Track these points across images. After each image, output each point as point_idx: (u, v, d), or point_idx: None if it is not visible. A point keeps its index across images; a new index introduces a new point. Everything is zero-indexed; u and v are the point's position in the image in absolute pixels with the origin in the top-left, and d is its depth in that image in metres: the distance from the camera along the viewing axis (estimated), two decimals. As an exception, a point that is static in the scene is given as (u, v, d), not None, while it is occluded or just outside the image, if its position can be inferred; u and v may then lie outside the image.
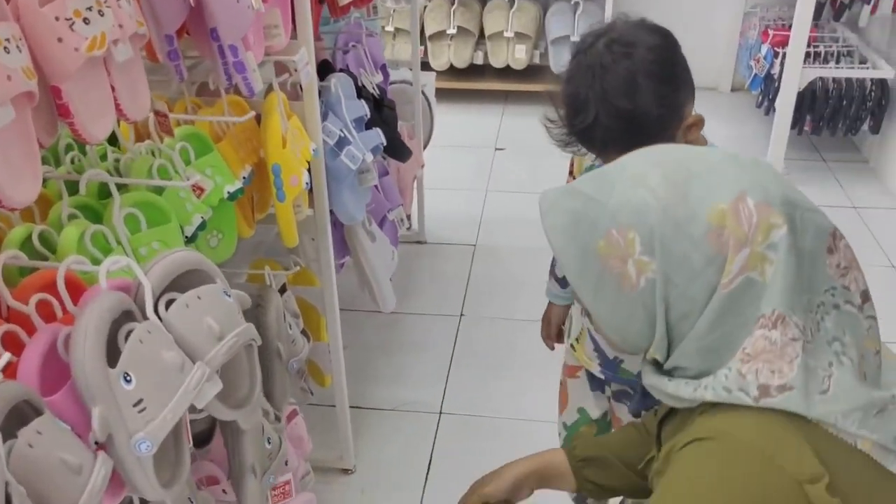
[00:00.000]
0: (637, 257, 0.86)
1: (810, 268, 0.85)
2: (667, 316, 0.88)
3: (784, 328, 0.84)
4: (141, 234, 1.12)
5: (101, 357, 0.82)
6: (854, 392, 0.85)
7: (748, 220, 0.84)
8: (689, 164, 0.89)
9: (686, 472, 0.86)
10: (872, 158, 3.45)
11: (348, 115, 1.74)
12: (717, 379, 0.86)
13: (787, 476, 0.81)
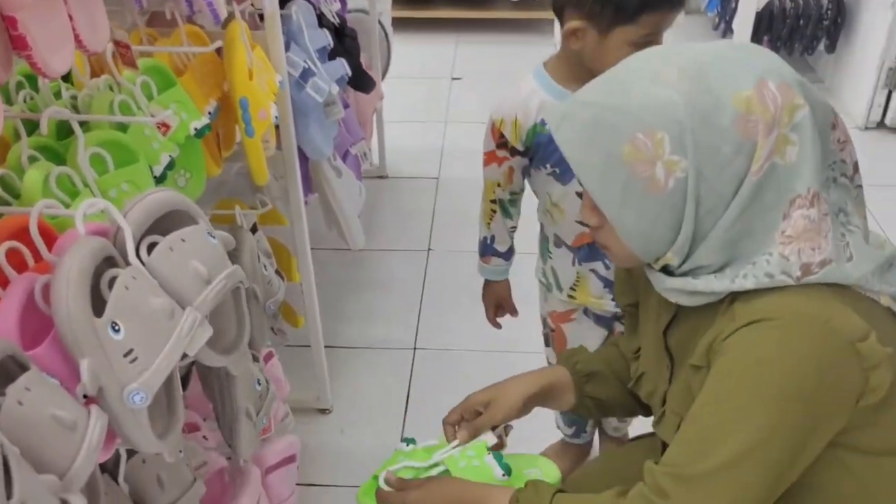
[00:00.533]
0: (667, 158, 0.85)
1: (823, 144, 0.87)
2: (696, 213, 0.87)
3: (819, 205, 0.86)
4: (109, 176, 1.05)
5: (87, 306, 0.76)
6: (869, 254, 0.89)
7: (773, 103, 0.83)
8: (698, 57, 0.88)
9: (751, 354, 0.85)
10: (828, 78, 3.47)
11: (311, 45, 1.66)
12: (758, 266, 0.87)
13: (841, 338, 0.83)
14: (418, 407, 1.97)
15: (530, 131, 1.33)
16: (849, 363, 0.83)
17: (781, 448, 0.84)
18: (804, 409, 0.83)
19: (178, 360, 0.83)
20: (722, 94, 0.84)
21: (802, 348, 0.83)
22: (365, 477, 1.69)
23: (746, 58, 0.87)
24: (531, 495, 0.97)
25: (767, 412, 0.83)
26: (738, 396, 0.85)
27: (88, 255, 0.78)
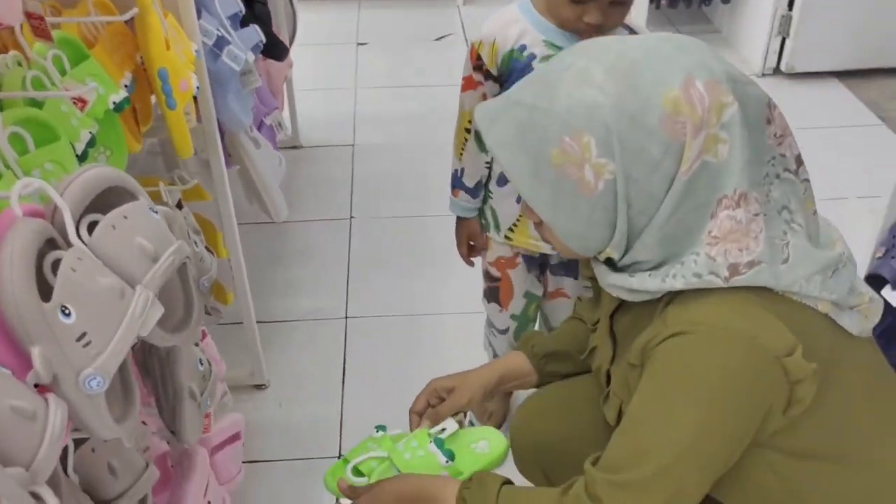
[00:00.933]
0: (594, 161, 0.85)
1: (756, 140, 0.86)
2: (627, 212, 0.87)
3: (747, 205, 0.85)
4: (30, 156, 0.99)
5: (33, 291, 0.72)
6: (811, 256, 0.88)
7: (700, 103, 0.83)
8: (628, 53, 0.86)
9: (677, 364, 0.87)
10: (724, 28, 3.57)
11: (222, 11, 1.60)
12: (686, 266, 0.87)
13: (768, 354, 0.84)
14: (355, 375, 1.96)
15: (506, 55, 1.35)
16: (775, 377, 0.85)
17: (708, 455, 0.88)
18: (731, 422, 0.87)
19: (132, 342, 0.80)
20: (649, 95, 0.83)
21: (730, 365, 0.84)
22: (308, 450, 1.69)
23: (675, 54, 0.86)
24: (476, 490, 0.98)
25: (696, 425, 0.86)
26: (668, 409, 0.87)
27: (30, 238, 0.74)
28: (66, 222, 0.79)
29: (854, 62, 3.17)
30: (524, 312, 1.64)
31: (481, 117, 0.92)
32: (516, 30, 1.34)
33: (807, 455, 0.94)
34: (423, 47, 3.59)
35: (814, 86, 3.18)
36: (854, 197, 2.41)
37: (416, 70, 3.39)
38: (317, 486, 1.68)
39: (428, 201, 2.53)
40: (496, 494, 0.97)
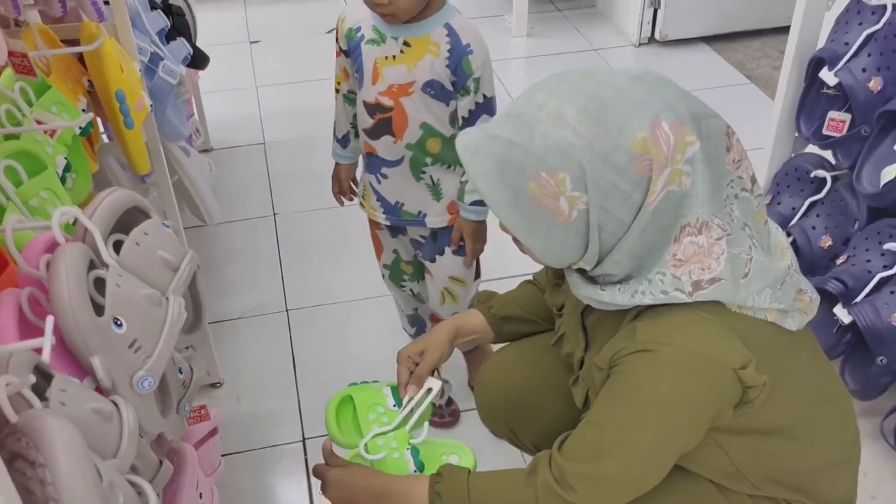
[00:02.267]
0: (569, 194, 0.94)
1: (717, 169, 0.96)
2: (599, 236, 0.97)
3: (708, 232, 0.96)
4: (26, 186, 1.07)
5: (89, 308, 0.82)
6: (765, 270, 1.00)
7: (666, 143, 0.92)
8: (599, 93, 0.94)
9: (644, 379, 0.99)
10: (599, 3, 3.79)
11: (151, 28, 1.66)
12: (654, 284, 0.97)
13: (727, 369, 0.96)
14: (305, 362, 2.06)
15: (347, 33, 1.51)
16: (731, 386, 0.98)
17: (665, 457, 1.03)
18: (686, 431, 1.01)
19: (174, 344, 0.90)
20: (619, 137, 0.92)
21: (690, 383, 0.97)
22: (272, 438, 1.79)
23: (644, 96, 0.94)
24: (448, 483, 1.09)
25: (657, 434, 1.00)
26: (633, 417, 1.00)
27: (80, 261, 0.82)
28: (97, 244, 0.88)
29: (720, 27, 3.44)
30: (394, 265, 1.82)
31: (462, 148, 1.00)
32: (360, 13, 1.49)
33: (751, 433, 1.08)
34: (315, 41, 3.66)
35: (686, 51, 3.44)
36: (733, 151, 2.67)
37: (312, 64, 3.46)
38: (285, 471, 1.80)
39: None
40: (466, 484, 1.09)
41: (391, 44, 1.46)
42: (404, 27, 1.44)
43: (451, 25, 1.44)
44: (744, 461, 1.11)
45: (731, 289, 0.97)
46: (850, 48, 1.68)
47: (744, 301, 0.98)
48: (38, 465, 0.65)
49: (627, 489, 1.04)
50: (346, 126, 1.66)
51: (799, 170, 1.91)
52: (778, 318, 1.03)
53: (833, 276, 1.72)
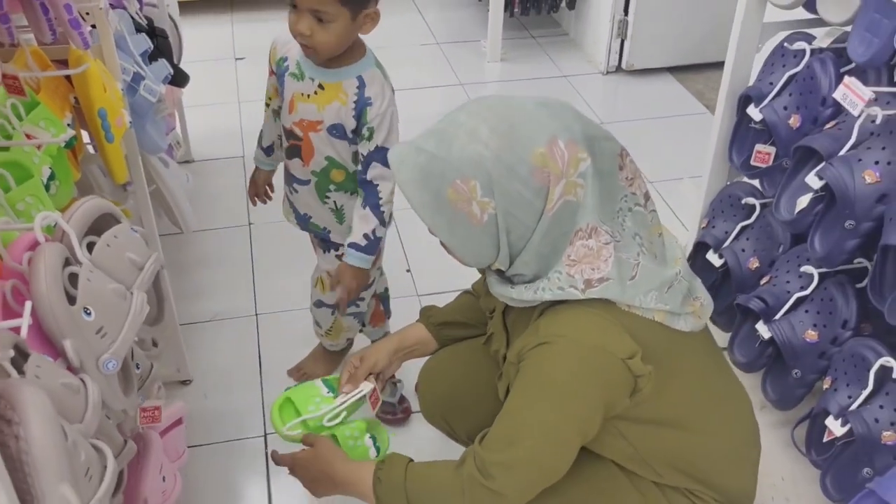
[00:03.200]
0: (479, 199, 1.09)
1: (609, 184, 1.12)
2: (508, 238, 1.12)
3: (597, 236, 1.10)
4: (13, 192, 1.20)
5: (63, 299, 0.95)
6: (652, 275, 1.14)
7: (562, 159, 1.08)
8: (510, 115, 1.10)
9: (542, 369, 1.14)
10: (571, 31, 3.97)
11: (135, 50, 1.81)
12: (551, 281, 1.12)
13: (616, 358, 1.11)
14: (270, 363, 2.20)
15: (277, 61, 1.68)
16: (621, 374, 1.12)
17: (565, 441, 1.16)
18: (582, 414, 1.15)
19: (135, 333, 1.04)
20: (522, 151, 1.07)
21: (582, 371, 1.12)
22: (235, 433, 1.94)
23: (547, 118, 1.09)
24: (388, 469, 1.25)
25: (554, 418, 1.14)
26: (533, 405, 1.14)
27: (57, 258, 0.96)
28: (73, 244, 1.02)
29: (683, 59, 3.62)
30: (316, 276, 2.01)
31: (393, 159, 1.15)
32: (292, 45, 1.64)
33: (649, 422, 1.23)
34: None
35: (650, 80, 3.61)
36: (687, 177, 2.83)
37: (294, 81, 3.61)
38: (246, 463, 1.93)
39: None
40: (404, 470, 1.24)
41: (308, 83, 1.62)
42: (322, 70, 1.60)
43: (363, 77, 1.60)
44: (645, 448, 1.25)
45: (617, 288, 1.11)
46: (774, 87, 1.84)
47: (631, 300, 1.12)
48: (14, 424, 0.78)
49: (538, 472, 1.18)
50: (273, 137, 1.86)
51: (732, 196, 2.07)
52: (666, 318, 1.17)
53: (756, 295, 1.87)
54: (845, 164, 1.57)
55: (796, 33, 1.87)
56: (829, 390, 1.69)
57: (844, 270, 1.75)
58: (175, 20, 2.84)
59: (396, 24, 4.04)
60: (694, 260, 2.14)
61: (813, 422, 1.76)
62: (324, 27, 1.50)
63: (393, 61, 1.74)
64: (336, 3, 1.48)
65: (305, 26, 1.50)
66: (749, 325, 1.93)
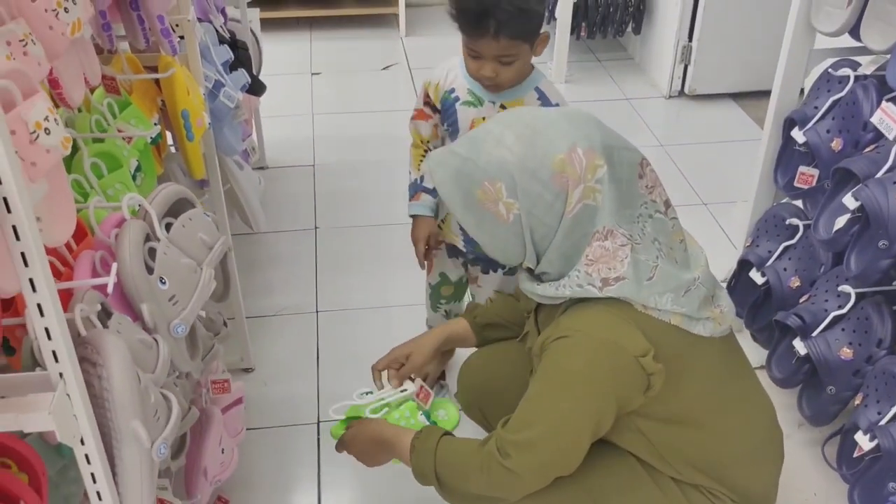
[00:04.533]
0: (505, 200, 1.19)
1: (627, 190, 1.20)
2: (532, 238, 1.22)
3: (613, 238, 1.19)
4: (105, 179, 1.37)
5: (143, 269, 1.10)
6: (670, 278, 1.21)
7: (579, 165, 1.17)
8: (534, 123, 1.20)
9: (561, 361, 1.23)
10: (636, 55, 4.05)
11: (217, 59, 1.98)
12: (571, 279, 1.21)
13: (628, 354, 1.18)
14: (327, 357, 2.34)
15: (442, 96, 1.74)
16: (633, 370, 1.19)
17: (578, 428, 1.23)
18: (594, 405, 1.22)
19: (203, 303, 1.18)
20: (544, 157, 1.16)
21: (594, 363, 1.19)
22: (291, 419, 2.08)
23: (568, 126, 1.18)
24: (424, 438, 1.36)
25: (568, 406, 1.22)
26: (550, 393, 1.23)
27: (139, 233, 1.11)
28: (153, 223, 1.17)
29: (745, 85, 3.66)
30: (437, 287, 2.05)
31: (431, 162, 1.26)
32: (452, 77, 1.74)
33: (665, 420, 1.29)
34: (370, 76, 4.00)
35: (712, 106, 3.67)
36: (741, 200, 2.88)
37: (366, 97, 3.79)
38: (300, 447, 2.06)
39: (381, 212, 2.94)
40: (437, 442, 1.35)
41: (489, 107, 1.69)
42: (500, 93, 1.67)
43: (541, 89, 1.69)
44: (662, 445, 1.33)
45: (633, 287, 1.19)
46: (818, 111, 1.90)
47: (646, 300, 1.20)
48: (98, 366, 0.92)
49: (550, 456, 1.26)
50: None
51: (777, 217, 2.13)
52: (683, 322, 1.24)
53: (794, 312, 1.93)
54: (880, 186, 1.62)
55: (843, 60, 1.93)
56: (860, 406, 1.74)
57: (881, 291, 1.80)
58: (256, 35, 3.03)
59: (467, 45, 4.19)
60: (738, 278, 2.20)
61: (844, 437, 1.80)
62: (508, 66, 1.59)
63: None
64: (521, 44, 1.56)
65: (490, 70, 1.59)
66: (787, 341, 1.98)
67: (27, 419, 0.79)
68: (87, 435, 0.87)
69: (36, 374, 0.86)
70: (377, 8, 4.40)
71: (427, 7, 4.62)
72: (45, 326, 0.79)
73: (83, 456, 0.89)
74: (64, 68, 1.18)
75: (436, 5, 4.62)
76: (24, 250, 0.75)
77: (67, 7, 1.15)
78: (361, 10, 4.39)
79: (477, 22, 1.53)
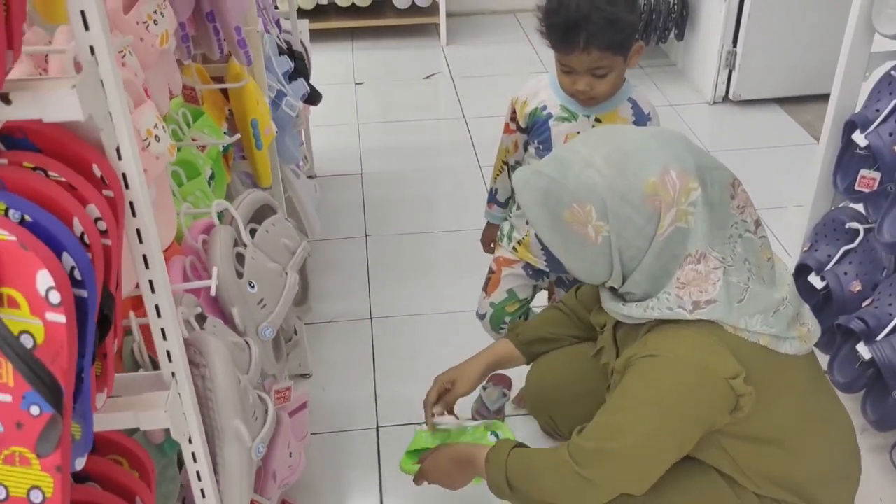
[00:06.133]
0: (595, 223, 1.18)
1: (720, 212, 1.18)
2: (620, 259, 1.20)
3: (706, 262, 1.17)
4: (185, 186, 1.40)
5: (234, 273, 1.12)
6: (760, 298, 1.20)
7: (673, 188, 1.15)
8: (623, 145, 1.19)
9: (649, 381, 1.22)
10: (679, 62, 4.05)
11: (279, 69, 2.01)
12: (661, 301, 1.19)
13: (718, 376, 1.17)
14: (383, 362, 2.36)
15: (531, 113, 1.72)
16: (724, 392, 1.17)
17: (666, 443, 1.23)
18: (678, 426, 1.22)
19: (289, 305, 1.20)
20: (635, 180, 1.15)
21: (682, 384, 1.18)
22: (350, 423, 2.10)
23: (659, 147, 1.17)
24: (497, 449, 1.38)
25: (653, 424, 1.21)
26: (637, 408, 1.22)
27: (229, 240, 1.14)
28: (240, 229, 1.20)
29: (791, 90, 3.64)
30: (502, 305, 1.97)
31: (517, 180, 1.26)
32: (543, 94, 1.72)
33: (750, 439, 1.28)
34: (413, 85, 4.03)
35: (758, 111, 3.65)
36: (792, 205, 2.86)
37: (409, 106, 3.82)
38: (360, 451, 2.08)
39: (430, 219, 2.96)
40: (508, 452, 1.36)
41: (583, 121, 1.68)
42: (594, 107, 1.67)
43: (634, 99, 1.69)
44: (745, 462, 1.31)
45: (724, 310, 1.17)
46: (880, 114, 1.89)
47: (736, 322, 1.18)
48: (201, 366, 0.95)
49: (628, 470, 1.26)
50: (509, 191, 1.89)
51: (836, 221, 2.12)
52: (771, 342, 1.22)
53: (857, 316, 1.91)
54: (949, 188, 1.62)
55: (904, 63, 1.92)
56: (928, 410, 1.72)
57: (948, 294, 1.78)
58: (306, 46, 3.07)
59: (508, 54, 4.22)
60: (795, 283, 2.18)
61: (912, 442, 1.79)
62: (603, 80, 1.58)
63: (504, 89, 1.84)
64: (612, 56, 1.54)
65: (585, 84, 1.58)
66: (849, 346, 1.97)
67: (145, 416, 0.82)
68: (194, 433, 0.90)
69: (147, 374, 0.88)
70: (418, 18, 4.43)
71: (468, 16, 4.65)
72: (161, 327, 0.82)
73: (190, 454, 0.91)
74: (152, 79, 1.21)
75: (476, 14, 4.65)
76: (146, 253, 0.77)
77: (157, 19, 1.19)
78: (403, 20, 4.43)
79: (567, 36, 1.52)
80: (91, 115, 0.66)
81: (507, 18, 4.63)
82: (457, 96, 3.88)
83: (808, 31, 3.45)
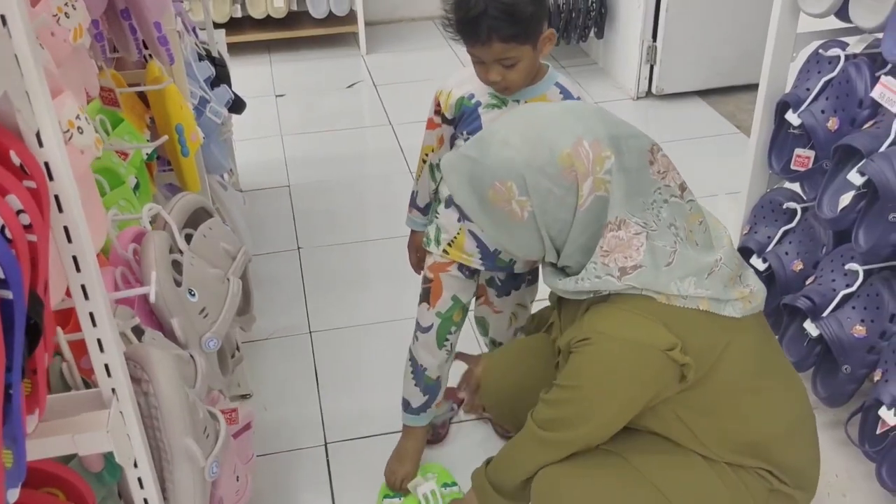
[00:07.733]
0: (517, 198, 1.19)
1: (638, 178, 1.20)
2: (549, 233, 1.22)
3: (626, 228, 1.19)
4: (109, 195, 1.30)
5: (172, 281, 1.03)
6: (690, 261, 1.21)
7: (587, 158, 1.17)
8: (538, 121, 1.21)
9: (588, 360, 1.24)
10: (601, 60, 4.07)
11: (200, 76, 1.92)
12: (588, 271, 1.21)
13: (656, 350, 1.19)
14: (326, 376, 2.27)
15: (457, 103, 1.65)
16: (664, 364, 1.20)
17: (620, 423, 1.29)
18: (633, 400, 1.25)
19: (233, 314, 1.11)
20: (550, 153, 1.17)
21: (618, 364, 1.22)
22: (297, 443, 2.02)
23: (572, 121, 1.19)
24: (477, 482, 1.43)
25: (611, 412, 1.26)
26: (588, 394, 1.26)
27: (166, 245, 1.05)
28: (174, 234, 1.11)
29: (712, 82, 3.69)
30: (448, 314, 1.86)
31: (445, 164, 1.26)
32: (469, 84, 1.65)
33: (702, 407, 1.29)
34: (336, 95, 3.95)
35: (681, 104, 3.69)
36: (723, 193, 2.89)
37: (333, 115, 3.74)
38: (308, 471, 1.99)
39: (363, 228, 2.89)
40: (485, 469, 1.42)
41: (513, 106, 1.61)
42: (522, 90, 1.60)
43: (561, 83, 1.65)
44: (703, 431, 1.31)
45: (651, 274, 1.18)
46: (810, 93, 1.91)
47: (666, 287, 1.18)
48: (144, 381, 0.86)
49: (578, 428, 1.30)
50: (428, 196, 1.81)
51: (773, 202, 2.13)
52: (711, 306, 1.22)
53: (803, 294, 1.92)
54: (886, 159, 1.63)
55: (829, 42, 1.94)
56: (880, 382, 1.73)
57: (888, 267, 1.80)
58: (224, 56, 2.96)
59: (429, 60, 4.17)
60: (737, 266, 2.19)
61: (865, 414, 1.79)
62: (513, 69, 1.54)
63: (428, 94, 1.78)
64: (517, 46, 1.50)
65: (496, 74, 1.54)
66: (796, 324, 1.98)
67: (84, 440, 0.72)
68: (140, 456, 0.80)
69: (84, 393, 0.79)
70: (336, 27, 4.36)
71: (386, 24, 4.59)
72: (97, 337, 0.73)
73: (136, 480, 0.82)
74: (67, 78, 1.11)
75: (395, 22, 4.60)
76: (76, 254, 0.68)
77: (68, 12, 1.09)
78: (320, 30, 4.35)
79: (469, 29, 1.50)
80: (6, 93, 0.58)
81: (426, 25, 4.59)
82: (381, 104, 3.82)
83: (726, 23, 3.51)
